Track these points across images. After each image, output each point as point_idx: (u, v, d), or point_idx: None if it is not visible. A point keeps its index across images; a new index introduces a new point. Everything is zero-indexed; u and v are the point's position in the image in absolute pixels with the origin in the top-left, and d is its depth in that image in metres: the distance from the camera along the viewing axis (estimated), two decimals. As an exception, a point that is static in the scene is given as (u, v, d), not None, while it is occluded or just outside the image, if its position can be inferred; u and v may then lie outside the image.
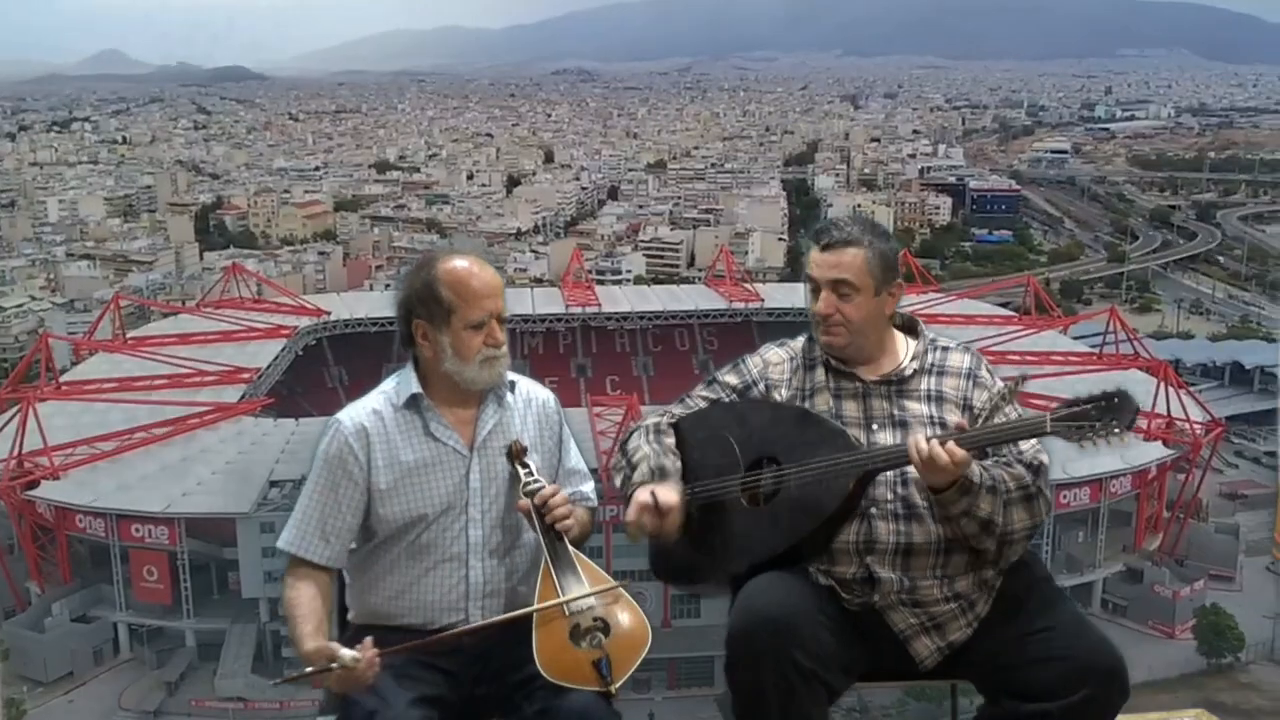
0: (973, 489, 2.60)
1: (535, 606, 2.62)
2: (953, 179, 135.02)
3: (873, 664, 2.76)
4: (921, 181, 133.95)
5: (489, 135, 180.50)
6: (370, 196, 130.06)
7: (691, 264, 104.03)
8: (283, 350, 60.87)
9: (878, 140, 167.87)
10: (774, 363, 2.91)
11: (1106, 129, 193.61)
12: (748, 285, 74.72)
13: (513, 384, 2.91)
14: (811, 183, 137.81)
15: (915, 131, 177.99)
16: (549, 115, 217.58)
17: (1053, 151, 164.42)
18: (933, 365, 2.85)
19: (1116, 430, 2.50)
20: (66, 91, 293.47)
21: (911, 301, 65.16)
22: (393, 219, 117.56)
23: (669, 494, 2.73)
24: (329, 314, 68.32)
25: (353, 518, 2.76)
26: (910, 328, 2.92)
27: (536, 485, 2.74)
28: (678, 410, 2.95)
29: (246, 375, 53.46)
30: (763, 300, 70.18)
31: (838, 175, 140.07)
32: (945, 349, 2.89)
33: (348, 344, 68.08)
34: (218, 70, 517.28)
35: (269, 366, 56.99)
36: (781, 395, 2.86)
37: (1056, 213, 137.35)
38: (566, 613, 2.60)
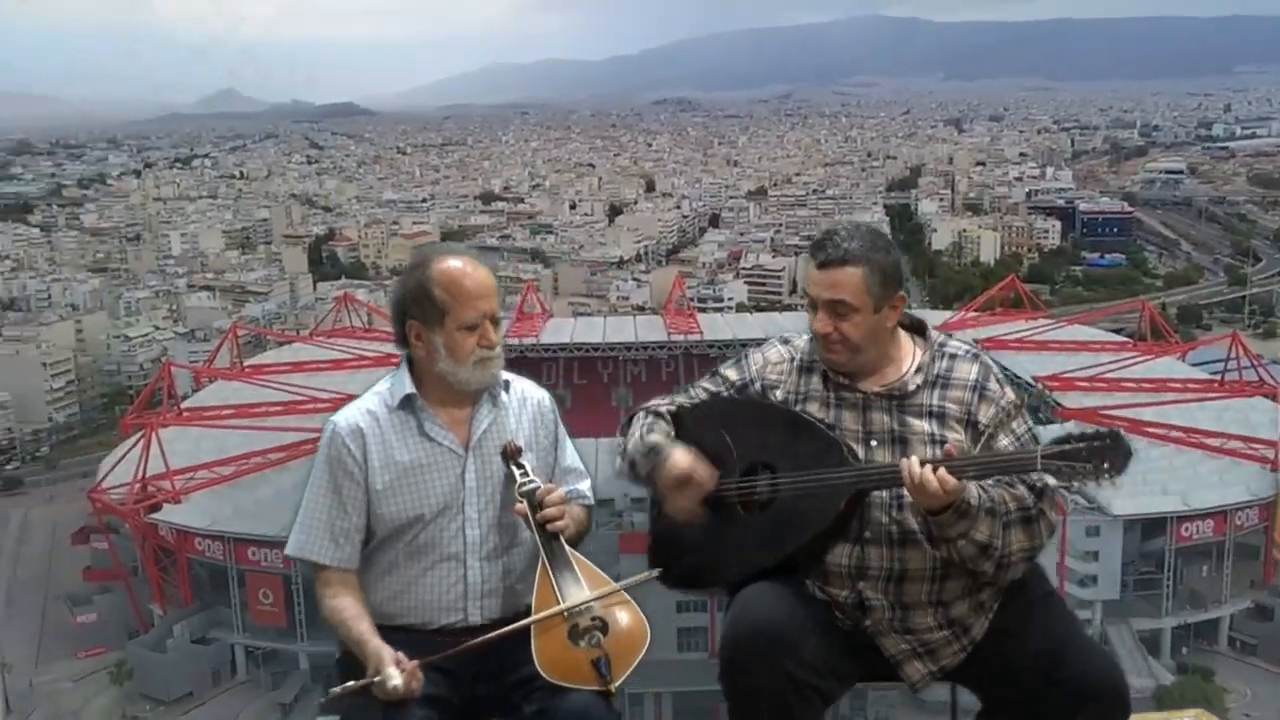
0: (970, 512, 2.53)
1: (535, 617, 2.61)
2: (1061, 201, 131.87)
3: (867, 672, 2.74)
4: (1029, 205, 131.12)
5: (591, 165, 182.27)
6: (476, 226, 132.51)
7: (793, 290, 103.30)
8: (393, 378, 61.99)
9: (983, 164, 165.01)
10: (774, 361, 2.85)
11: (1225, 148, 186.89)
12: (851, 312, 73.81)
13: (507, 383, 2.90)
14: (915, 207, 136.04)
15: (1022, 154, 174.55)
16: (650, 144, 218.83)
17: (1167, 172, 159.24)
18: (938, 376, 2.73)
19: (1108, 473, 2.41)
20: (187, 129, 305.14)
21: (1019, 328, 63.85)
22: (498, 248, 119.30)
23: (705, 472, 2.72)
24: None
25: (358, 517, 2.77)
26: (918, 329, 2.83)
27: (531, 485, 2.74)
28: (681, 399, 2.90)
29: (357, 402, 54.64)
30: (866, 327, 69.52)
31: (941, 199, 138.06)
32: (953, 356, 2.77)
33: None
34: (328, 106, 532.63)
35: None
36: (777, 396, 2.80)
37: (1172, 235, 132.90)
38: (565, 614, 2.60)
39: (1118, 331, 71.92)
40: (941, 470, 2.48)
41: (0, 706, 46.64)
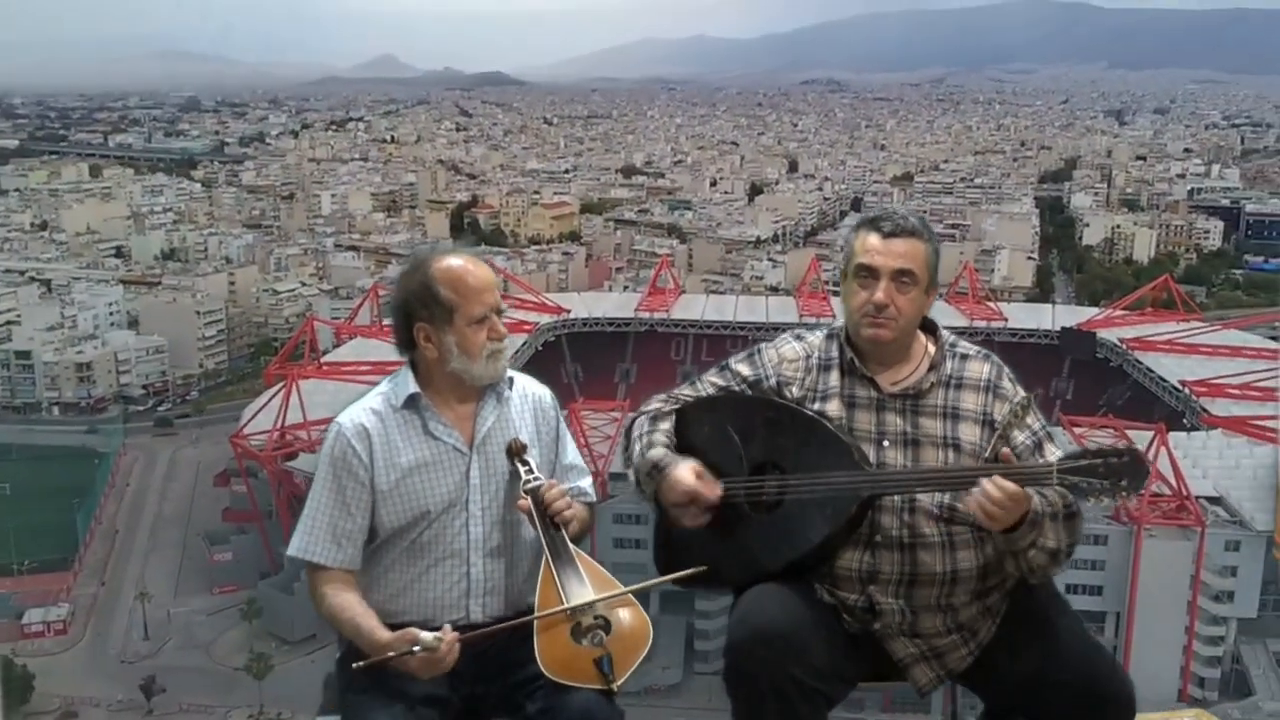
0: (1039, 521, 2.51)
1: (539, 614, 2.59)
2: (1226, 201, 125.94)
3: (871, 673, 2.71)
4: (1190, 203, 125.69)
5: (734, 143, 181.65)
6: (615, 200, 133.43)
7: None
8: (524, 345, 63.19)
9: (1144, 158, 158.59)
10: (789, 359, 2.79)
11: None
12: (991, 304, 72.04)
13: (510, 380, 2.89)
14: (1068, 201, 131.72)
15: (1187, 150, 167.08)
16: (795, 125, 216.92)
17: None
18: (950, 377, 2.70)
19: (1124, 491, 2.40)
20: (344, 93, 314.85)
21: (1169, 329, 61.28)
22: (635, 222, 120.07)
23: (710, 488, 2.68)
24: (569, 311, 70.47)
25: (362, 519, 2.75)
26: (930, 329, 2.76)
27: (536, 482, 2.72)
28: (686, 393, 2.86)
29: (489, 366, 55.55)
30: (1006, 320, 67.48)
31: (1096, 194, 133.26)
32: (965, 356, 2.73)
33: (585, 342, 70.05)
34: (480, 75, 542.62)
35: (510, 360, 59.05)
36: (792, 394, 2.74)
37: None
38: (568, 612, 2.57)
39: (1276, 339, 68.43)
40: (998, 480, 2.46)
41: (139, 633, 49.30)
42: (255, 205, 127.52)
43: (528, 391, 2.94)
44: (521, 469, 2.76)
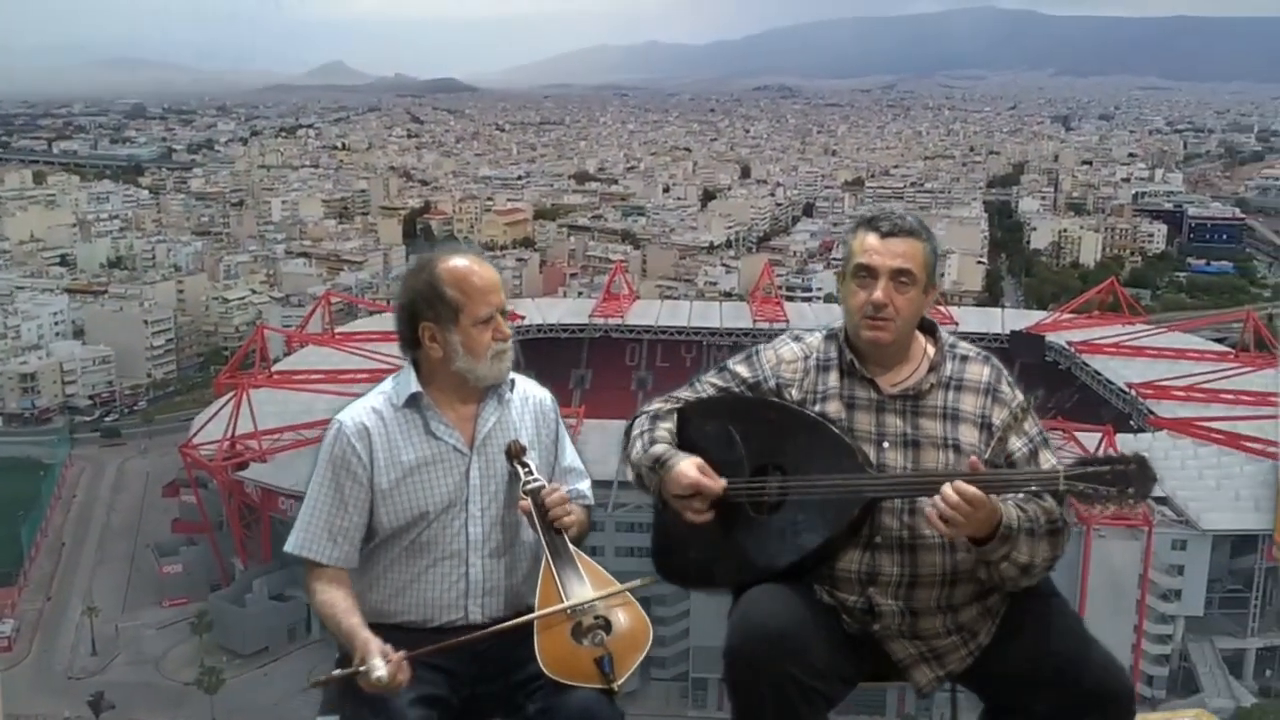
0: (1012, 536, 2.50)
1: (538, 613, 2.60)
2: (1170, 205, 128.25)
3: (870, 674, 2.71)
4: (1135, 207, 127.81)
5: (687, 149, 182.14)
6: (569, 206, 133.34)
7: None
8: (478, 351, 62.79)
9: (1089, 163, 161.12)
10: (788, 360, 2.78)
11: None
12: (942, 307, 72.77)
13: (512, 382, 2.89)
14: (1015, 205, 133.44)
15: (1131, 155, 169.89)
16: (748, 131, 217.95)
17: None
18: (950, 378, 2.69)
19: (1131, 498, 2.40)
20: (293, 100, 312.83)
21: (1116, 332, 62.14)
22: (589, 228, 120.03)
23: (713, 482, 2.67)
24: (523, 318, 70.20)
25: (359, 517, 2.75)
26: (929, 329, 2.75)
27: (536, 484, 2.73)
28: (686, 394, 2.85)
29: (443, 374, 55.07)
30: (957, 324, 68.19)
31: (1044, 198, 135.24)
32: (965, 358, 2.72)
33: (539, 348, 69.69)
34: (431, 82, 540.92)
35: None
36: (791, 396, 2.73)
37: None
38: (569, 611, 2.59)
39: (1220, 341, 69.72)
40: (959, 485, 2.45)
41: (87, 649, 48.43)
42: (204, 212, 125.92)
43: (529, 394, 2.94)
44: (521, 470, 2.76)
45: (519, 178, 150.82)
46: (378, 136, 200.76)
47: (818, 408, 2.70)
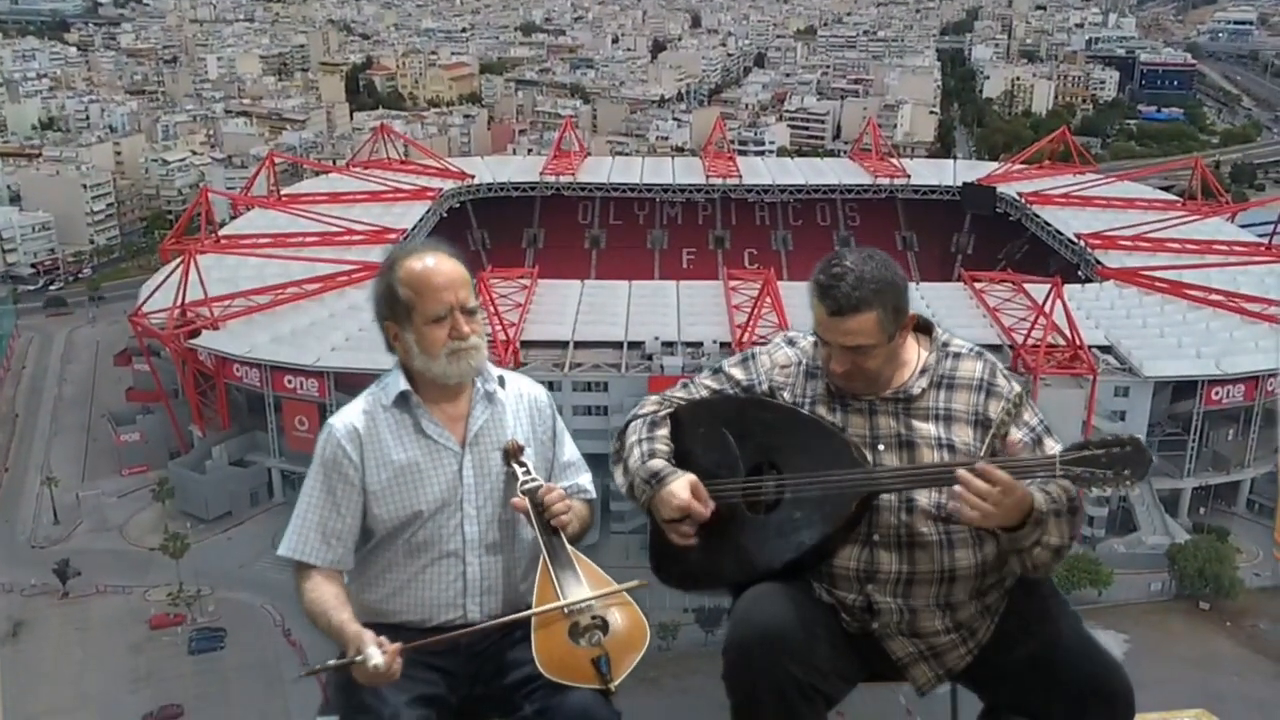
0: (1043, 519, 2.52)
1: (534, 610, 2.60)
2: (1122, 51, 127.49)
3: (870, 673, 2.74)
4: (1087, 54, 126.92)
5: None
6: (515, 59, 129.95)
7: (837, 136, 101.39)
8: (428, 212, 62.02)
9: (1043, 8, 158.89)
10: (782, 364, 2.79)
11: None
12: (895, 160, 72.44)
13: (502, 380, 2.87)
14: (969, 53, 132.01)
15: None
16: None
17: (1236, 22, 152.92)
18: (943, 378, 2.69)
19: (1128, 480, 2.41)
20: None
21: (1066, 182, 62.33)
22: (537, 83, 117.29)
23: (703, 506, 2.66)
24: (473, 177, 69.12)
25: (353, 519, 2.76)
26: (924, 328, 2.75)
27: (534, 483, 2.74)
28: (680, 395, 2.86)
29: (393, 235, 54.53)
30: (909, 177, 67.83)
31: (997, 45, 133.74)
32: (957, 355, 2.72)
33: (490, 208, 68.98)
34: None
35: (414, 228, 58.12)
36: (785, 399, 2.75)
37: (1234, 90, 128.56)
38: (566, 612, 2.59)
39: (1168, 189, 70.28)
40: (981, 469, 2.46)
41: (49, 518, 48.58)
42: (137, 70, 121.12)
43: (523, 391, 2.93)
44: (519, 470, 2.76)
45: (463, 30, 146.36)
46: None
47: (809, 410, 2.71)
